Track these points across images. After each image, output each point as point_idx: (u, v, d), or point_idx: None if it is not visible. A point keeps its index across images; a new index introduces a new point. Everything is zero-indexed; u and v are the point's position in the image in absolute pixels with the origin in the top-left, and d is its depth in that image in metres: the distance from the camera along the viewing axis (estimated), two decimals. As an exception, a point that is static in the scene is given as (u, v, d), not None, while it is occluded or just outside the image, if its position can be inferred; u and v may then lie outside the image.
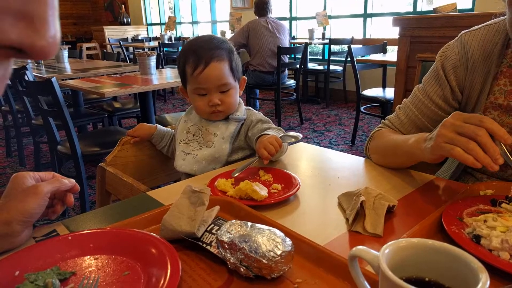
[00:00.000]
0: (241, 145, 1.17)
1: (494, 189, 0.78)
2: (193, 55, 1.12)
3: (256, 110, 1.25)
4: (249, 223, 0.60)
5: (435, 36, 1.97)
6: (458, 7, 3.83)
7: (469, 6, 4.41)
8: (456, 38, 0.98)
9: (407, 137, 0.90)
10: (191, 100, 1.18)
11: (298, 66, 4.33)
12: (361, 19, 5.57)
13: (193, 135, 1.18)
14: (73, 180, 0.68)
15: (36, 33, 0.25)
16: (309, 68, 5.42)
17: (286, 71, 4.43)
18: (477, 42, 0.93)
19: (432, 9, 3.52)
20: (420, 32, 2.06)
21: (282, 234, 0.58)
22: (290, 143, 1.09)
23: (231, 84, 1.15)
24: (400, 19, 2.25)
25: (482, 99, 0.92)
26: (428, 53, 1.03)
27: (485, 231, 0.60)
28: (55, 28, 0.26)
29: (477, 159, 0.67)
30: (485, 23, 0.94)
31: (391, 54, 4.00)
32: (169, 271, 0.54)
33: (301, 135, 1.04)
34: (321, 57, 6.28)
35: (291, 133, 1.06)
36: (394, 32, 2.62)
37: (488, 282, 0.36)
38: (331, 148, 3.67)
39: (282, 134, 1.06)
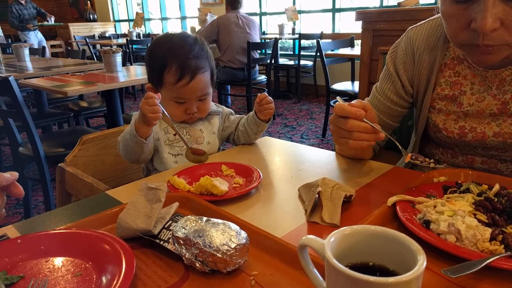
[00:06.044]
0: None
1: (446, 175, 0.81)
2: (175, 61, 1.05)
3: (228, 106, 1.28)
4: (204, 218, 0.60)
5: (396, 29, 2.01)
6: (422, 1, 3.94)
7: (432, 0, 4.54)
8: (404, 34, 1.00)
9: None
10: (164, 105, 1.08)
11: (268, 61, 4.33)
12: (330, 13, 5.65)
13: (174, 134, 1.13)
14: (15, 173, 0.64)
15: None
16: (280, 63, 5.44)
17: (257, 67, 4.43)
18: (422, 36, 0.96)
19: (396, 3, 3.61)
20: (382, 25, 2.11)
21: (237, 227, 0.58)
22: None
23: (210, 92, 1.15)
24: (362, 13, 2.29)
25: (429, 91, 0.95)
26: (389, 46, 1.05)
27: (434, 216, 0.62)
28: None
29: (367, 141, 0.79)
30: (430, 18, 0.97)
31: (359, 48, 4.08)
32: (123, 269, 0.53)
33: None
34: (291, 52, 6.32)
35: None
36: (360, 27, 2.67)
37: (425, 263, 0.38)
38: (302, 142, 3.71)
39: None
